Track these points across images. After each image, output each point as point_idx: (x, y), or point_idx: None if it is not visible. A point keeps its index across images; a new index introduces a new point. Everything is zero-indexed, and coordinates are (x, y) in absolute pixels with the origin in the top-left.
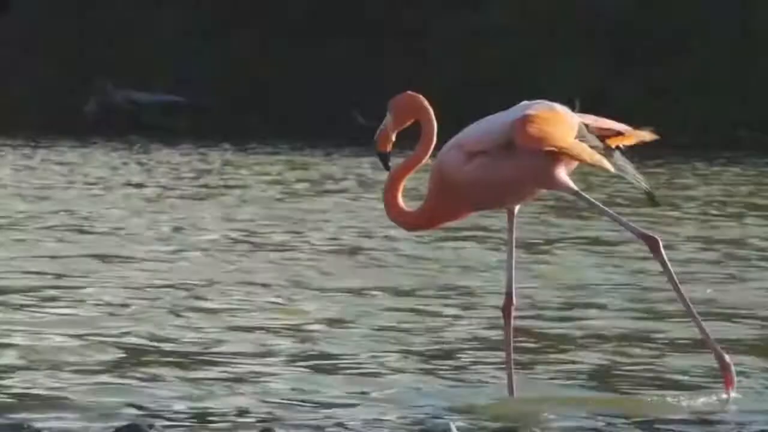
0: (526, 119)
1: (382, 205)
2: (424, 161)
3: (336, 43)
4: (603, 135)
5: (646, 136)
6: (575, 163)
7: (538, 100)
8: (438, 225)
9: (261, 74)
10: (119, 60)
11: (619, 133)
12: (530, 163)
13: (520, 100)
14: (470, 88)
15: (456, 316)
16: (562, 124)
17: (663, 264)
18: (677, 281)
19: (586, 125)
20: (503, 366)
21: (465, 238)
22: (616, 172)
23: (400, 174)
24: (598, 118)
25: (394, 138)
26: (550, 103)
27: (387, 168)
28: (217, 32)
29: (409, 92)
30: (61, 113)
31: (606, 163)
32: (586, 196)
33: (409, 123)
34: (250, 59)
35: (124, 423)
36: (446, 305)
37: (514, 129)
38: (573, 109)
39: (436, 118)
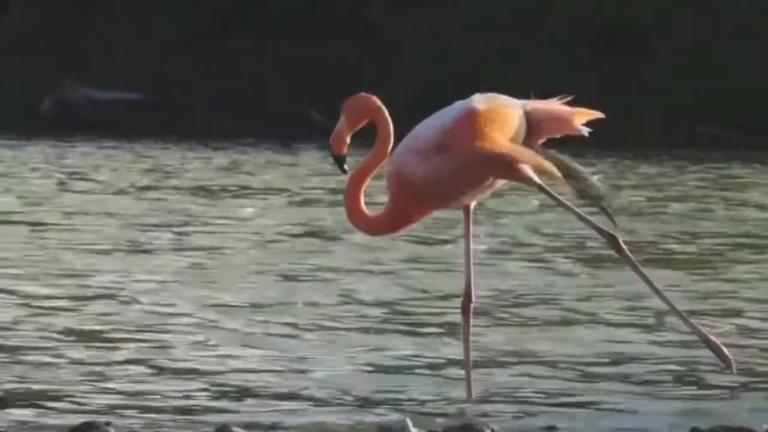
0: (462, 127)
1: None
2: (383, 162)
3: (313, 44)
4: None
5: (595, 114)
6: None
7: (485, 95)
8: (401, 228)
9: (241, 74)
10: (106, 60)
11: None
12: (489, 157)
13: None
14: (443, 84)
15: (413, 314)
16: (502, 121)
17: (627, 260)
18: (643, 272)
19: (528, 112)
20: (461, 364)
21: (425, 237)
22: (564, 176)
23: (360, 177)
24: (540, 103)
25: (349, 140)
26: (490, 96)
27: (344, 171)
28: (207, 32)
29: (363, 93)
30: (28, 113)
31: (549, 166)
32: (549, 189)
33: (363, 124)
34: (239, 59)
35: (81, 420)
36: (404, 303)
37: (451, 136)
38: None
39: (408, 115)
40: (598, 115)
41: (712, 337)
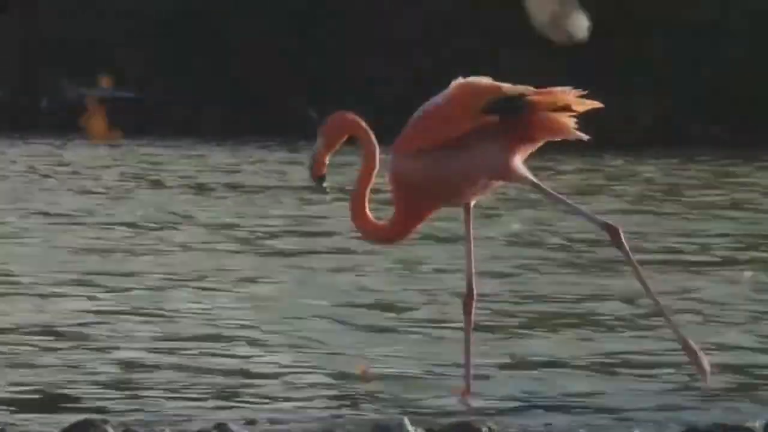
0: (434, 109)
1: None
2: (375, 171)
3: (313, 44)
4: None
5: (594, 104)
6: (528, 152)
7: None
8: (409, 232)
9: (242, 70)
10: (101, 58)
11: (566, 105)
12: (481, 153)
13: None
14: (443, 84)
15: (413, 311)
16: (470, 96)
17: (625, 252)
18: (640, 269)
19: (521, 95)
20: (461, 361)
21: (425, 236)
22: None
23: (362, 189)
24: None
25: (327, 161)
26: (473, 78)
27: (324, 192)
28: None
29: (340, 112)
30: (27, 112)
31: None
32: (545, 187)
33: (342, 141)
34: (239, 59)
35: (79, 419)
36: (403, 302)
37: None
38: None
39: (407, 115)
40: (595, 105)
41: (692, 344)
